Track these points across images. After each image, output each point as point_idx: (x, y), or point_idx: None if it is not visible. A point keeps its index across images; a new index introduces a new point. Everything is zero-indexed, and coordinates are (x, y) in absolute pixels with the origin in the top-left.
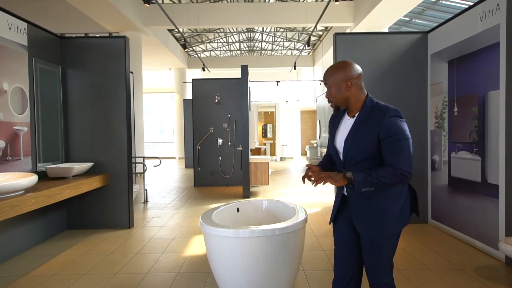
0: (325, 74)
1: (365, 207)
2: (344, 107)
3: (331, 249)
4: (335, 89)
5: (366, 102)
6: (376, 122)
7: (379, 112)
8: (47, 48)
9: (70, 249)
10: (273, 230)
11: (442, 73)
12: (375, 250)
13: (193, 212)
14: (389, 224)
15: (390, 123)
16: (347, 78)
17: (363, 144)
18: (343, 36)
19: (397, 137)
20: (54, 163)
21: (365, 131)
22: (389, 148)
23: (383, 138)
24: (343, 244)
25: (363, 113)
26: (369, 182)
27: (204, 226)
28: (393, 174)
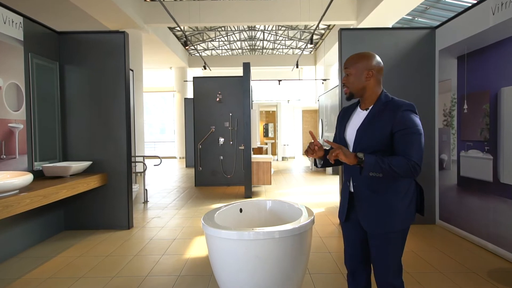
0: (349, 59)
1: (371, 202)
2: (357, 96)
3: (337, 250)
4: (354, 76)
5: (381, 96)
6: (390, 115)
7: (393, 106)
8: (43, 43)
9: (67, 251)
10: (279, 232)
11: (451, 69)
12: (382, 248)
13: (194, 213)
14: (395, 220)
15: (404, 117)
16: (369, 67)
17: (375, 136)
18: (348, 31)
19: (410, 130)
20: (51, 162)
21: (378, 124)
22: (402, 140)
23: (397, 130)
24: (353, 244)
25: (377, 106)
26: (379, 167)
27: (206, 227)
28: (405, 164)
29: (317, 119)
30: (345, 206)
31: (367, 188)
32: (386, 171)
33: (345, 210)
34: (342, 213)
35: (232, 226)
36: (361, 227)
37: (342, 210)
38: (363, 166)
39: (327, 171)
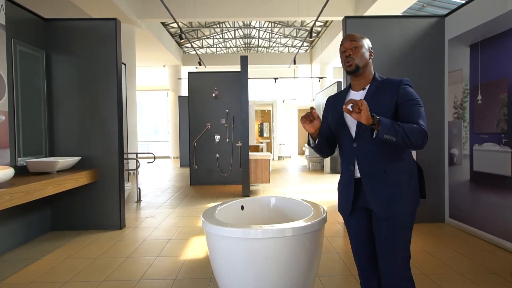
0: (354, 35)
1: (381, 181)
2: (361, 71)
3: (344, 251)
4: (363, 50)
5: (376, 76)
6: (392, 90)
7: (393, 82)
8: (28, 30)
9: (53, 253)
10: (290, 230)
11: (462, 59)
12: (391, 234)
13: (189, 212)
14: (405, 200)
15: (407, 90)
16: (370, 48)
17: (379, 112)
18: (353, 19)
19: (415, 101)
20: (36, 157)
21: (381, 99)
22: (408, 110)
23: (402, 102)
24: (361, 238)
25: (375, 84)
26: (393, 130)
27: (207, 225)
28: (417, 130)
29: None
30: (349, 197)
31: (375, 167)
32: (400, 134)
33: (350, 200)
34: (346, 205)
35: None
36: (368, 218)
37: (346, 202)
38: (379, 127)
39: (325, 170)
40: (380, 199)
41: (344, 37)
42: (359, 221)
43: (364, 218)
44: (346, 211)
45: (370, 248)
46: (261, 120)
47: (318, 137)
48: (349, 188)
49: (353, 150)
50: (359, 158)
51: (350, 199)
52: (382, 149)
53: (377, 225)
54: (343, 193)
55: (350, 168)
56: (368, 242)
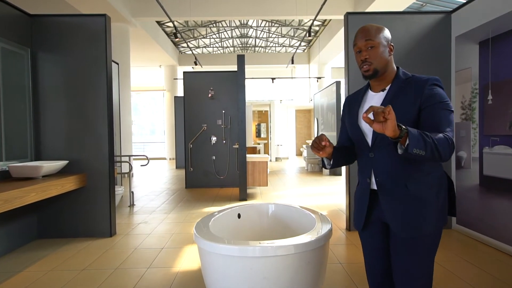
0: (368, 29)
1: (402, 198)
2: (380, 74)
3: (348, 261)
4: (381, 49)
5: (399, 73)
6: (415, 92)
7: (417, 81)
8: (12, 26)
9: (37, 263)
10: (293, 247)
11: (471, 57)
12: (411, 256)
13: (184, 217)
14: (430, 219)
15: (434, 91)
16: (390, 41)
17: (399, 117)
18: (355, 16)
19: (443, 104)
20: (21, 161)
21: (402, 102)
22: (433, 114)
23: (427, 105)
24: (375, 255)
25: (396, 84)
26: (422, 142)
27: (200, 240)
28: (446, 140)
29: (310, 119)
30: (363, 210)
31: (395, 181)
32: (430, 147)
33: (363, 214)
34: (359, 219)
35: (229, 234)
36: (384, 233)
37: (359, 215)
38: (408, 140)
39: (324, 172)
40: (399, 217)
41: (358, 32)
42: (374, 236)
43: (379, 232)
44: (359, 225)
45: (385, 265)
46: (258, 120)
47: (333, 156)
48: (363, 201)
49: (370, 161)
50: (376, 170)
51: (364, 212)
52: (403, 161)
53: (394, 245)
54: (357, 206)
55: (366, 181)
56: (384, 260)
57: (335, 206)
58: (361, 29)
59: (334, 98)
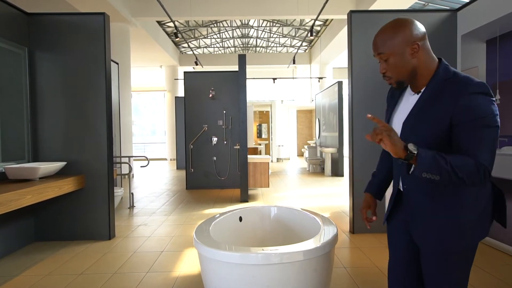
0: (376, 40)
1: (427, 211)
2: (409, 82)
3: (352, 265)
4: (396, 58)
5: (439, 70)
6: (450, 99)
7: (456, 85)
8: (9, 25)
9: (33, 268)
10: (298, 254)
11: (478, 55)
12: (440, 270)
13: (185, 219)
14: (458, 236)
15: (471, 102)
16: (411, 39)
17: (428, 128)
18: (359, 14)
19: (480, 122)
20: (18, 162)
21: (433, 111)
22: (467, 135)
23: (460, 122)
24: (398, 254)
25: (432, 86)
26: (436, 167)
27: (200, 246)
28: (472, 166)
29: (312, 119)
30: (389, 204)
31: (421, 193)
32: (446, 173)
33: (389, 209)
34: (387, 212)
35: (230, 238)
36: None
37: (388, 209)
38: (416, 163)
39: (325, 173)
40: (423, 231)
41: (374, 38)
42: (396, 235)
43: (402, 234)
44: (385, 217)
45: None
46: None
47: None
48: (392, 197)
49: (398, 167)
50: (404, 177)
51: (389, 208)
52: None
53: (422, 253)
54: (391, 196)
55: (395, 184)
56: (407, 262)
57: (338, 208)
58: (375, 36)
59: (336, 99)
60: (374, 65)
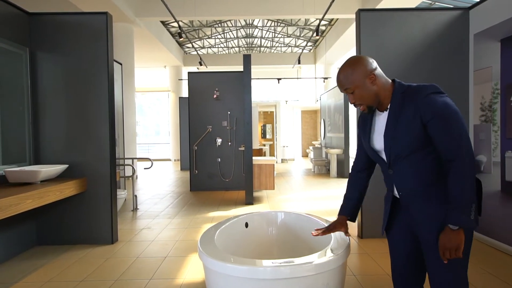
0: (340, 79)
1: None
2: (376, 104)
3: (363, 273)
4: (360, 90)
5: (396, 88)
6: (413, 105)
7: (412, 93)
8: (9, 25)
9: (34, 274)
10: (309, 267)
11: (492, 55)
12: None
13: (189, 222)
14: None
15: (430, 102)
16: (368, 72)
17: (405, 134)
18: (368, 13)
19: (444, 115)
20: (19, 165)
21: (403, 121)
22: (440, 131)
23: (428, 120)
24: (401, 256)
25: (395, 101)
26: (468, 209)
27: (205, 258)
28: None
29: (317, 120)
30: (386, 213)
31: (417, 192)
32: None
33: (386, 216)
34: (384, 223)
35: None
36: (412, 236)
37: (384, 219)
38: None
39: (331, 174)
40: (424, 224)
41: (337, 80)
42: (397, 238)
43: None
44: (383, 227)
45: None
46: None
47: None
48: (387, 206)
49: (389, 177)
50: (398, 186)
51: (386, 216)
52: (422, 173)
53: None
54: (385, 209)
55: (389, 193)
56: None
57: None
58: (337, 76)
59: (341, 99)
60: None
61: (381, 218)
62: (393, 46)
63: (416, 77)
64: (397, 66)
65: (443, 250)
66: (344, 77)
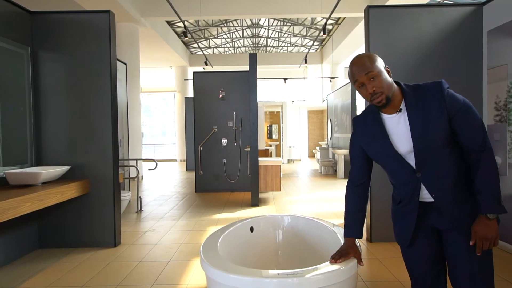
0: (364, 62)
1: (465, 204)
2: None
3: (373, 279)
4: (383, 75)
5: (404, 89)
6: (436, 102)
7: (429, 89)
8: (10, 24)
9: (34, 278)
10: (319, 279)
11: (507, 52)
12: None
13: (193, 225)
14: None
15: (452, 96)
16: (383, 63)
17: (434, 131)
18: (377, 10)
19: (467, 109)
20: (20, 167)
21: (429, 117)
22: (465, 123)
23: (454, 114)
24: (430, 271)
25: (410, 99)
26: (499, 197)
27: (207, 267)
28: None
29: (323, 120)
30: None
31: (450, 190)
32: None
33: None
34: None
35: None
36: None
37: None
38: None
39: (338, 175)
40: (467, 218)
41: (353, 67)
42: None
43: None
44: (405, 242)
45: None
46: (270, 121)
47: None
48: (411, 217)
49: (416, 180)
50: (430, 186)
51: (412, 228)
52: (453, 168)
53: (459, 249)
54: (401, 224)
55: (415, 199)
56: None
57: None
58: (355, 63)
59: (349, 99)
60: (392, 63)
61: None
62: (404, 43)
63: (427, 75)
64: (407, 64)
65: (482, 240)
66: (368, 61)
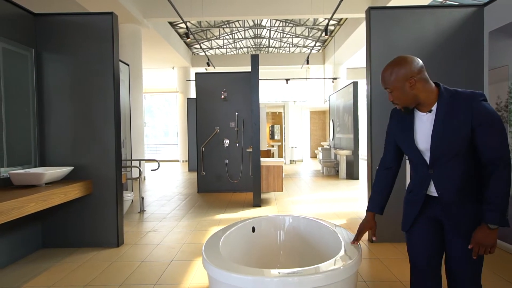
0: (384, 76)
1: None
2: (414, 105)
3: (374, 279)
4: (398, 92)
5: (441, 91)
6: (465, 109)
7: (464, 98)
8: (15, 26)
9: (37, 278)
10: (319, 278)
11: (508, 53)
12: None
13: (195, 225)
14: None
15: (483, 108)
16: (408, 76)
17: (454, 136)
18: (379, 11)
19: (493, 123)
20: (24, 167)
21: (453, 122)
22: (487, 136)
23: (478, 125)
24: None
25: (443, 104)
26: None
27: (209, 266)
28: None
29: (325, 120)
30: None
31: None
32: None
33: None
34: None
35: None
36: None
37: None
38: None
39: (340, 176)
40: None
41: (381, 74)
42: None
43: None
44: (406, 226)
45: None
46: (272, 122)
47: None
48: (416, 205)
49: (428, 176)
50: (438, 185)
51: (413, 215)
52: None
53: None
54: (408, 209)
55: (423, 192)
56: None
57: (354, 213)
58: (382, 73)
59: (351, 99)
60: None
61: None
62: (405, 44)
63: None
64: None
65: (478, 246)
66: (386, 76)
